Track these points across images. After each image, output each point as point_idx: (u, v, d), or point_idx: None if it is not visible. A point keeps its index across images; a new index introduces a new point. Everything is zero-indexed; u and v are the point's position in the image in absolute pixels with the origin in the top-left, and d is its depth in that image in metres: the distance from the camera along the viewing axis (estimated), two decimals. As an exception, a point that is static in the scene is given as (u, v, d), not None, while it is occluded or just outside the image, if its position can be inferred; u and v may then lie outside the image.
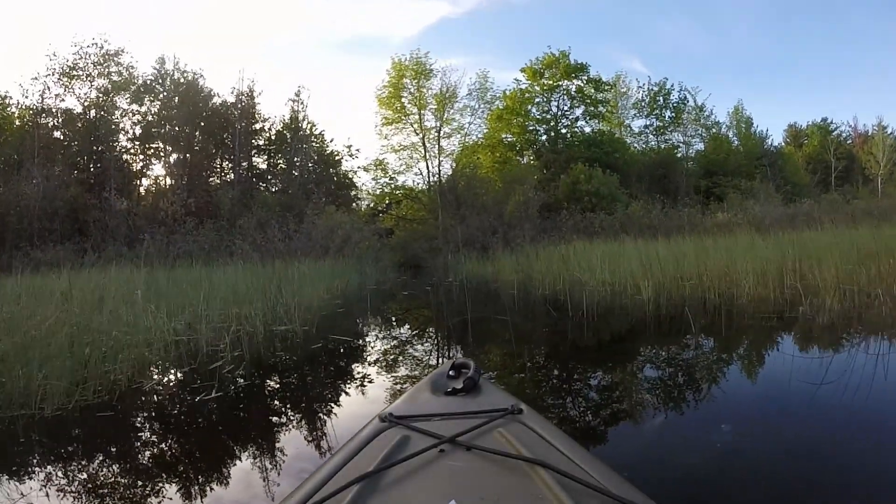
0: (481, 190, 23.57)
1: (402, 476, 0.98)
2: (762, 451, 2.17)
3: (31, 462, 2.49)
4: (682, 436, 2.52)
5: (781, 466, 2.02)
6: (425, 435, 1.15)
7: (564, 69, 28.84)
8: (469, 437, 1.12)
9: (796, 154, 42.71)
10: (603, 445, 2.45)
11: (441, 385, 1.57)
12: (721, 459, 2.15)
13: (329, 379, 4.19)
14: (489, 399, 1.44)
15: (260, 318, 5.64)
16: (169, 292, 5.82)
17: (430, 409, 1.36)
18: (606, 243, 13.49)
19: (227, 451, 2.60)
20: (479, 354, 4.41)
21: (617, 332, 5.53)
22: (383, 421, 1.27)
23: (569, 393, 3.36)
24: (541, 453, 1.04)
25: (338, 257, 13.85)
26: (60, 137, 25.01)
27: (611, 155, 28.27)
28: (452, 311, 7.08)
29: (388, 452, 1.06)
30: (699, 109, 35.44)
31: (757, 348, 4.29)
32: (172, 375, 4.17)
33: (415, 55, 27.87)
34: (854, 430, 2.37)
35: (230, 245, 14.73)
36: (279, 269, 8.75)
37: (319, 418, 3.02)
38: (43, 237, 20.06)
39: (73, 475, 2.32)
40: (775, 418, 2.64)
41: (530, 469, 0.97)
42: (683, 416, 2.76)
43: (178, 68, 26.45)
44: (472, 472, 1.00)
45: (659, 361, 4.09)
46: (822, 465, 2.07)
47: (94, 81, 24.94)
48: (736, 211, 22.09)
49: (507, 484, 0.95)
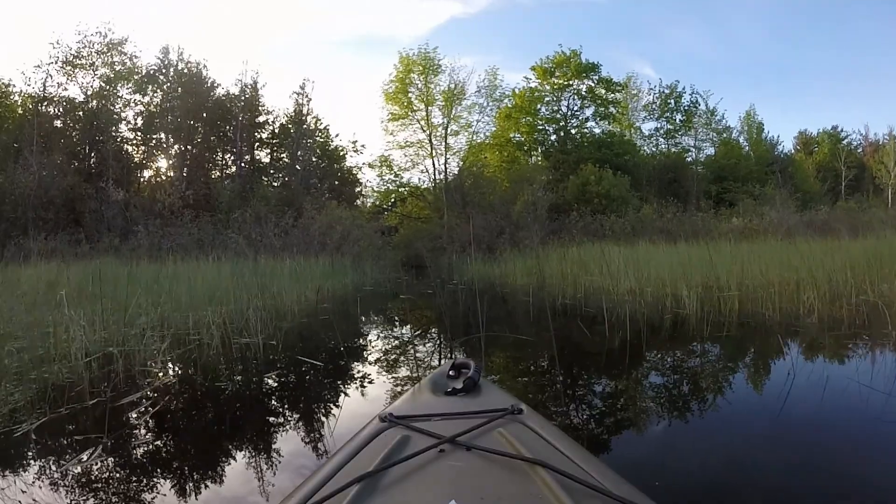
0: (488, 189, 22.51)
1: (402, 476, 0.96)
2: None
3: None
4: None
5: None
6: (425, 435, 1.13)
7: (575, 68, 27.79)
8: (469, 438, 1.10)
9: (807, 161, 41.63)
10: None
11: (441, 385, 1.55)
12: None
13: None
14: (489, 399, 1.42)
15: (219, 325, 4.54)
16: (118, 292, 4.70)
17: (431, 409, 1.32)
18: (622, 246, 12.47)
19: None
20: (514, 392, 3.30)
21: (686, 364, 3.96)
22: (383, 421, 1.24)
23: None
24: (541, 453, 1.02)
25: (336, 255, 12.85)
26: (60, 126, 24.21)
27: (621, 157, 27.22)
28: (459, 324, 5.85)
29: (388, 452, 1.04)
30: (710, 113, 34.48)
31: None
32: (66, 411, 2.80)
33: (423, 50, 26.89)
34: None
35: (225, 239, 13.75)
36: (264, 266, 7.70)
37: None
38: (37, 227, 19.25)
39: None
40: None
41: (530, 469, 0.95)
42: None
43: (182, 59, 25.69)
44: (472, 472, 0.97)
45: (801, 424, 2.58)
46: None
47: (97, 70, 24.19)
48: (751, 216, 21.24)
49: (507, 484, 0.93)
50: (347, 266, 12.22)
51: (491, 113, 28.18)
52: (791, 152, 42.90)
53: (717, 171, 32.81)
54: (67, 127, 24.40)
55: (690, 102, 33.43)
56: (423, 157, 27.31)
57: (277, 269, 8.76)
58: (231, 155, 23.54)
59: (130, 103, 24.94)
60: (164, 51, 25.47)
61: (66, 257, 14.00)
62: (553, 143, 27.98)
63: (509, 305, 7.99)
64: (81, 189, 21.30)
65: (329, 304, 8.11)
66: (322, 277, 9.67)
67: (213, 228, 17.28)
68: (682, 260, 8.29)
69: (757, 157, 35.49)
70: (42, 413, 2.68)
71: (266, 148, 25.34)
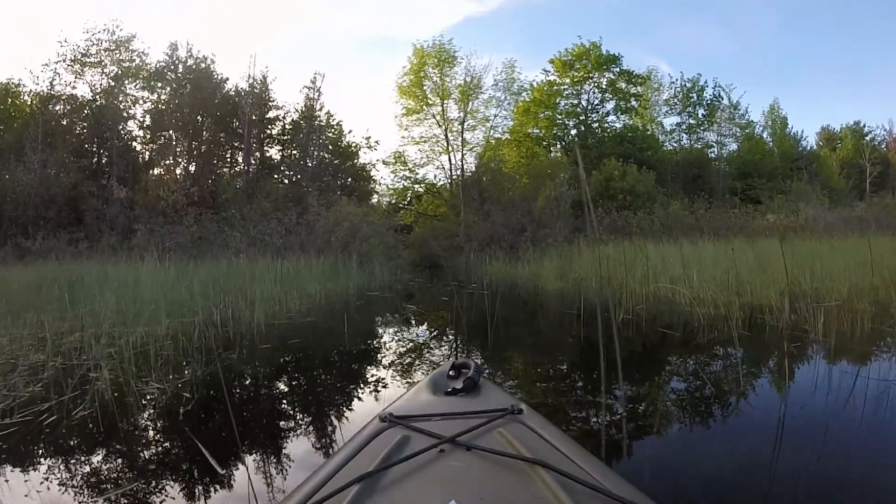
0: (508, 184, 20.93)
1: (402, 476, 0.93)
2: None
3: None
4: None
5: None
6: (425, 435, 1.10)
7: (596, 60, 26.15)
8: (469, 437, 1.07)
9: (830, 158, 39.81)
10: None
11: (441, 385, 1.49)
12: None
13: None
14: (489, 399, 1.38)
15: (126, 360, 3.12)
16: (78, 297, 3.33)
17: (430, 409, 1.29)
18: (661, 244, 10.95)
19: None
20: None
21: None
22: (383, 421, 1.21)
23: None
24: (541, 453, 1.00)
25: (343, 254, 11.41)
26: (66, 124, 23.20)
27: (644, 152, 25.58)
28: (495, 357, 4.09)
29: (388, 452, 1.01)
30: (733, 108, 32.72)
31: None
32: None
33: (437, 41, 25.32)
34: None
35: (226, 237, 12.45)
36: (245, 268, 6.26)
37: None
38: (37, 226, 18.31)
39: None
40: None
41: (530, 469, 0.93)
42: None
43: (192, 55, 24.45)
44: (472, 472, 0.95)
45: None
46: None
47: (105, 69, 23.21)
48: (786, 213, 19.59)
49: (507, 484, 0.91)
50: (353, 267, 10.76)
51: (508, 107, 26.61)
52: (813, 148, 41.19)
53: (741, 167, 31.22)
54: (73, 125, 23.44)
55: (713, 96, 31.74)
56: (438, 153, 25.84)
57: (265, 272, 7.35)
58: (240, 151, 22.16)
59: (139, 100, 24.03)
60: (172, 47, 24.32)
61: (62, 257, 13.00)
62: (573, 138, 26.30)
63: (551, 319, 6.43)
64: (84, 187, 20.24)
65: (317, 314, 6.51)
66: (320, 280, 8.18)
67: (217, 227, 16.09)
68: (742, 260, 6.76)
69: (781, 152, 33.82)
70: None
71: (277, 145, 23.94)
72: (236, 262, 8.59)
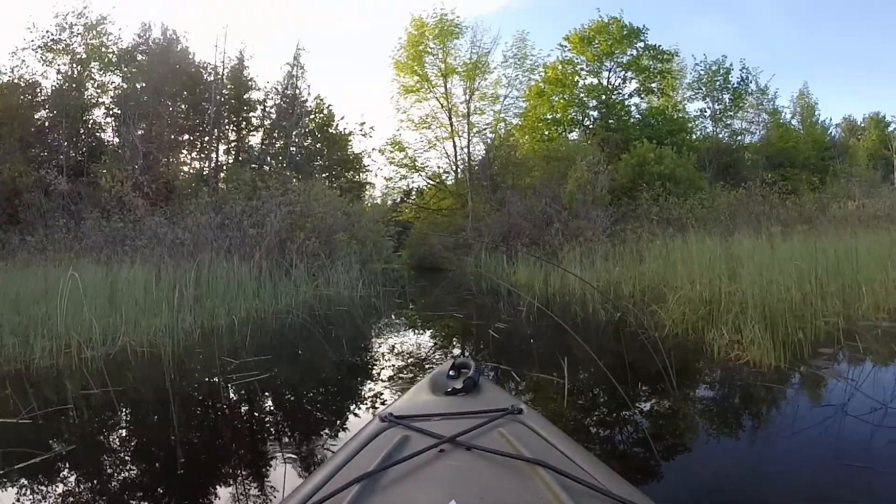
0: (525, 169, 16.60)
1: (402, 476, 0.90)
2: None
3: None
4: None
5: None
6: (425, 435, 1.05)
7: (618, 33, 21.76)
8: (469, 437, 1.02)
9: (859, 147, 35.86)
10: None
11: (441, 385, 1.42)
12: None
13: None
14: (489, 399, 1.31)
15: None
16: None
17: (431, 409, 1.22)
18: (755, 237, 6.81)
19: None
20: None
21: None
22: (383, 421, 1.16)
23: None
24: (541, 453, 0.96)
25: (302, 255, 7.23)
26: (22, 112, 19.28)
27: (675, 135, 21.25)
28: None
29: (388, 452, 0.97)
30: (761, 92, 28.38)
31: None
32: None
33: (438, 10, 20.89)
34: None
35: (134, 239, 8.35)
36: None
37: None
38: (-37, 223, 14.48)
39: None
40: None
41: (530, 469, 0.89)
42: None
43: (165, 36, 20.37)
44: (472, 472, 0.91)
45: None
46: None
47: (74, 54, 19.32)
48: (862, 201, 15.46)
49: (507, 484, 0.87)
50: (299, 276, 6.57)
51: (521, 88, 22.10)
52: (838, 138, 37.35)
53: (771, 155, 27.11)
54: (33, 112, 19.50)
55: (739, 80, 27.38)
56: (441, 138, 21.44)
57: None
58: (208, 136, 17.95)
59: (106, 86, 20.04)
60: (144, 27, 20.20)
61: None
62: (595, 120, 21.84)
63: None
64: (27, 179, 16.24)
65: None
66: (225, 301, 4.12)
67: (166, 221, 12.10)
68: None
69: (812, 141, 29.75)
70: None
71: (256, 131, 19.68)
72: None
